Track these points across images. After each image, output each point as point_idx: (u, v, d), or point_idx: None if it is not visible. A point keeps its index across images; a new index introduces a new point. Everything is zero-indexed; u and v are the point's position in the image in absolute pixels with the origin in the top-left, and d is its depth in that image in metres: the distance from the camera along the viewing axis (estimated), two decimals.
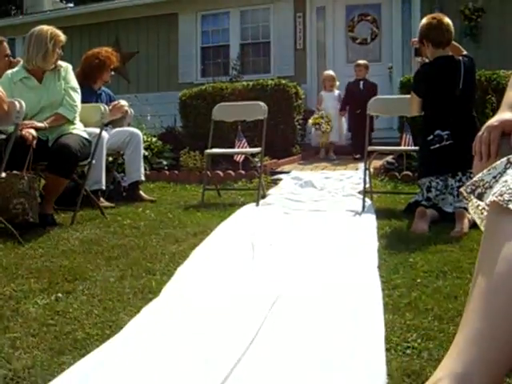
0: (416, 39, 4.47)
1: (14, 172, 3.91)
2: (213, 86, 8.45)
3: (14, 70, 4.43)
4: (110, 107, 5.68)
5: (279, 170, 7.22)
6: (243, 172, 6.65)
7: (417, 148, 4.66)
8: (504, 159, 1.12)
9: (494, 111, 2.02)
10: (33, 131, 4.02)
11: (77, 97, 4.46)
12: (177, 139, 8.42)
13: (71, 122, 4.38)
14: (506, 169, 1.10)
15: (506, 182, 1.06)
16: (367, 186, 4.93)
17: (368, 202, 4.81)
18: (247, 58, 11.34)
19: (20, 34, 12.45)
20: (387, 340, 2.01)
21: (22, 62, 4.46)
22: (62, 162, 4.09)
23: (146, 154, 7.27)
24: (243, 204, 5.14)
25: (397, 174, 6.06)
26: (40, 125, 4.15)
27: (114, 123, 5.76)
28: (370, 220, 4.08)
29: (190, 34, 11.52)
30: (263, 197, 5.48)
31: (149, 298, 2.58)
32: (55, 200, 4.36)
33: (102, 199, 5.17)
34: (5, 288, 2.73)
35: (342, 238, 3.55)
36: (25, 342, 2.10)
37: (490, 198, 1.06)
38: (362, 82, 8.54)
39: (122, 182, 5.69)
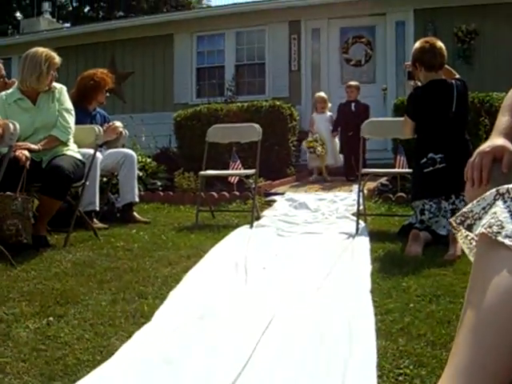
0: (409, 62, 4.50)
1: (8, 193, 3.91)
2: (208, 107, 8.48)
3: (9, 91, 4.44)
4: (105, 128, 5.70)
5: (273, 191, 7.22)
6: (237, 193, 6.65)
7: (410, 170, 4.67)
8: (493, 190, 1.12)
9: (488, 133, 2.03)
10: (26, 152, 4.02)
11: (71, 118, 4.47)
12: (171, 160, 8.43)
13: (65, 144, 4.38)
14: (495, 200, 1.10)
15: (494, 213, 1.07)
16: (361, 208, 4.93)
17: (362, 224, 4.81)
18: (242, 78, 11.39)
19: (16, 54, 12.50)
20: (379, 366, 2.00)
21: (16, 84, 4.47)
22: (56, 184, 4.09)
23: (141, 174, 7.27)
24: (237, 226, 5.14)
25: (391, 195, 6.06)
26: (34, 147, 4.15)
27: (108, 144, 5.77)
28: (364, 243, 4.08)
29: (186, 55, 11.58)
30: (257, 218, 5.48)
31: (141, 322, 2.57)
32: (49, 221, 4.36)
33: (95, 220, 5.16)
34: None
35: (334, 261, 3.54)
36: (15, 367, 2.09)
37: (479, 229, 1.07)
38: (353, 104, 8.43)
39: (116, 202, 5.68)
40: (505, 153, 2.08)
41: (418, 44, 4.32)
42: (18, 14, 27.11)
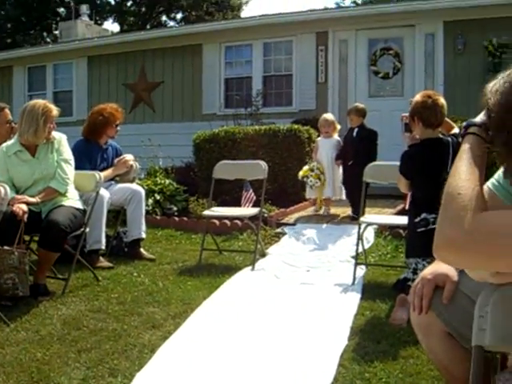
0: (406, 114, 4.43)
1: (5, 248, 4.02)
2: (225, 130, 8.48)
3: (9, 142, 4.56)
4: (116, 162, 5.82)
5: (286, 219, 7.10)
6: (249, 222, 6.64)
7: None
8: None
9: None
10: (23, 206, 4.13)
11: (69, 169, 4.56)
12: (192, 179, 8.49)
13: (64, 194, 4.47)
14: None
15: None
16: (360, 251, 4.92)
17: (361, 270, 4.81)
18: (270, 89, 11.34)
19: (50, 62, 12.89)
20: None
21: (17, 134, 4.57)
22: (51, 238, 4.20)
23: (158, 198, 7.41)
24: (239, 267, 5.21)
25: (401, 231, 5.99)
26: (32, 200, 4.26)
27: (120, 177, 5.88)
28: (352, 304, 4.04)
29: (214, 65, 11.60)
30: (262, 255, 5.55)
31: None
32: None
33: (101, 259, 5.28)
34: None
35: (314, 331, 3.52)
36: None
37: None
38: (356, 130, 7.30)
39: (124, 237, 5.77)
40: (447, 282, 2.04)
41: (419, 97, 4.21)
42: (61, 10, 27.69)
